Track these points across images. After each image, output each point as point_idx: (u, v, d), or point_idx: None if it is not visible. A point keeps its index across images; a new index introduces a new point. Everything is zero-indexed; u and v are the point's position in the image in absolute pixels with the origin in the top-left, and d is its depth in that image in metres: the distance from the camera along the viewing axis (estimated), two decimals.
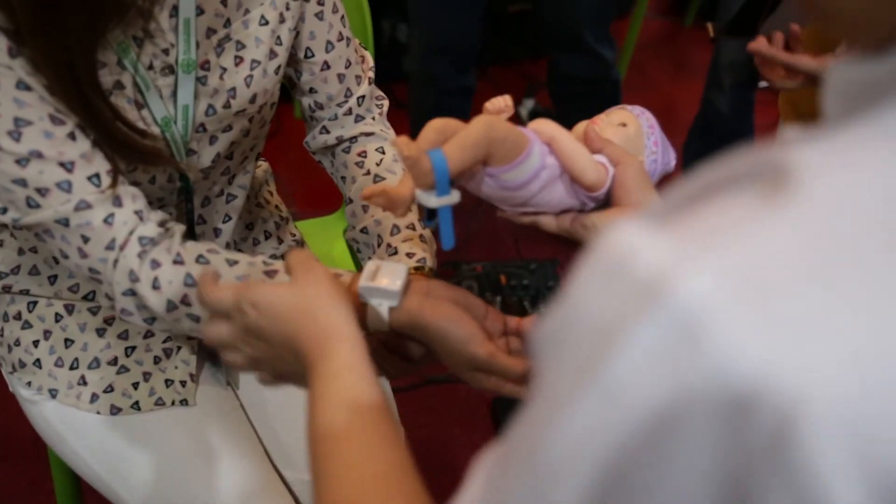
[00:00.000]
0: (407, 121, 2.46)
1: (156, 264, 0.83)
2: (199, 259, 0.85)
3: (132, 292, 0.84)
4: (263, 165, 1.25)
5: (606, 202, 0.85)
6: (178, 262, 0.84)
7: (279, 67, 0.95)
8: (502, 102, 0.83)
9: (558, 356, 0.37)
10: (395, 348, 0.84)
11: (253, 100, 0.94)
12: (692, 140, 2.48)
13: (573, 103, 2.39)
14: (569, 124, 2.72)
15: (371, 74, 1.08)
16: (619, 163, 0.83)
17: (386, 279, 0.80)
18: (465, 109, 2.38)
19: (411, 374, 0.87)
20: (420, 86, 2.36)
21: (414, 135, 0.75)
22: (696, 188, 0.37)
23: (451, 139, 0.76)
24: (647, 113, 0.91)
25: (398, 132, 0.90)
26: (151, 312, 0.85)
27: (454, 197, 0.77)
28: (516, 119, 2.91)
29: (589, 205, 0.85)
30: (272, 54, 0.94)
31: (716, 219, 0.33)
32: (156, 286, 0.83)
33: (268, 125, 1.02)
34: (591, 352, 0.35)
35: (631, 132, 0.89)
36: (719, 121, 2.33)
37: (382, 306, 0.80)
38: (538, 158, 0.80)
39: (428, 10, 2.22)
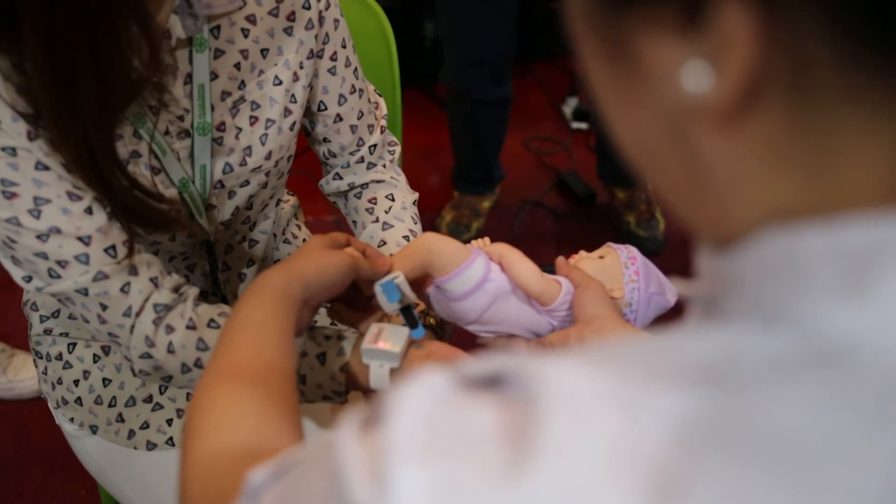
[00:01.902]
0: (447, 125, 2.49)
1: (170, 329, 0.89)
2: (211, 324, 0.90)
3: (148, 356, 0.89)
4: (291, 200, 1.29)
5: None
6: (190, 327, 0.89)
7: (294, 124, 1.00)
8: (481, 242, 0.92)
9: None
10: None
11: (269, 156, 0.98)
12: None
13: None
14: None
15: (384, 122, 1.12)
16: (580, 285, 0.89)
17: (388, 342, 0.84)
18: (503, 119, 2.39)
19: None
20: (455, 99, 2.38)
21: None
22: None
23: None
24: (633, 249, 0.96)
25: (440, 136, 0.99)
26: (167, 373, 0.90)
27: (394, 274, 0.85)
28: (560, 119, 2.92)
29: (557, 327, 0.90)
30: (287, 112, 0.98)
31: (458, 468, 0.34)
32: (170, 350, 0.88)
33: (286, 175, 1.06)
34: None
35: (607, 263, 0.94)
36: None
37: (384, 367, 0.84)
38: (481, 270, 0.86)
39: (458, 24, 2.22)
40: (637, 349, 0.36)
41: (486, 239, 0.93)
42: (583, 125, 2.93)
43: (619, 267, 0.93)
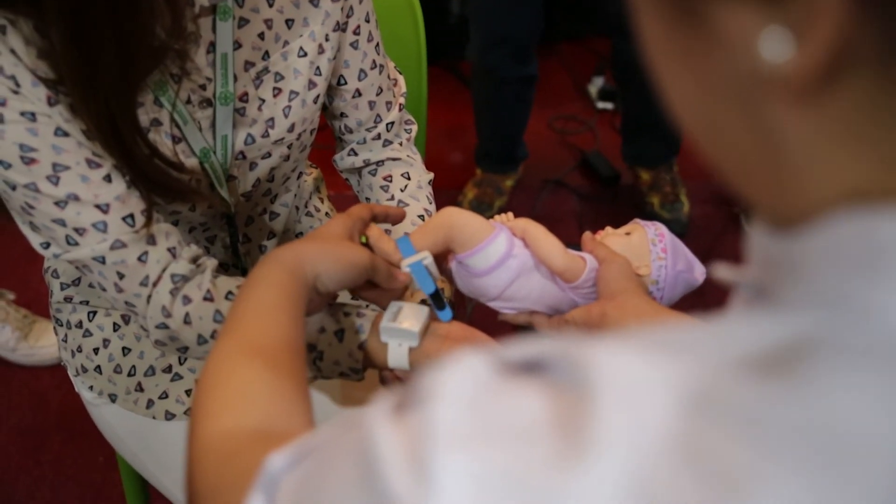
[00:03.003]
0: (471, 103, 2.47)
1: (187, 300, 0.88)
2: (229, 296, 0.89)
3: (165, 326, 0.89)
4: (314, 173, 1.28)
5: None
6: (208, 298, 0.89)
7: (318, 97, 0.99)
8: (504, 217, 0.91)
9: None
10: None
11: (291, 129, 0.97)
12: None
13: (638, 89, 2.36)
14: (633, 108, 2.71)
15: (402, 100, 1.11)
16: (604, 260, 0.87)
17: (407, 321, 0.83)
18: (528, 98, 2.38)
19: None
20: (480, 77, 2.36)
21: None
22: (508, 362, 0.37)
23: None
24: (661, 226, 0.93)
25: (463, 114, 0.98)
26: (183, 344, 0.90)
27: (422, 255, 0.83)
28: (585, 99, 2.90)
29: (581, 304, 0.89)
30: (311, 84, 0.97)
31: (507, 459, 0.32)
32: (187, 321, 0.88)
33: (308, 148, 1.05)
34: None
35: (634, 240, 0.92)
36: None
37: (402, 346, 0.83)
38: (503, 246, 0.85)
39: (485, 2, 2.20)
40: (690, 337, 0.34)
41: (510, 214, 0.91)
42: (608, 105, 2.90)
43: (646, 244, 0.91)
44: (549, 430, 0.32)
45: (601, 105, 2.91)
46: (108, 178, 0.85)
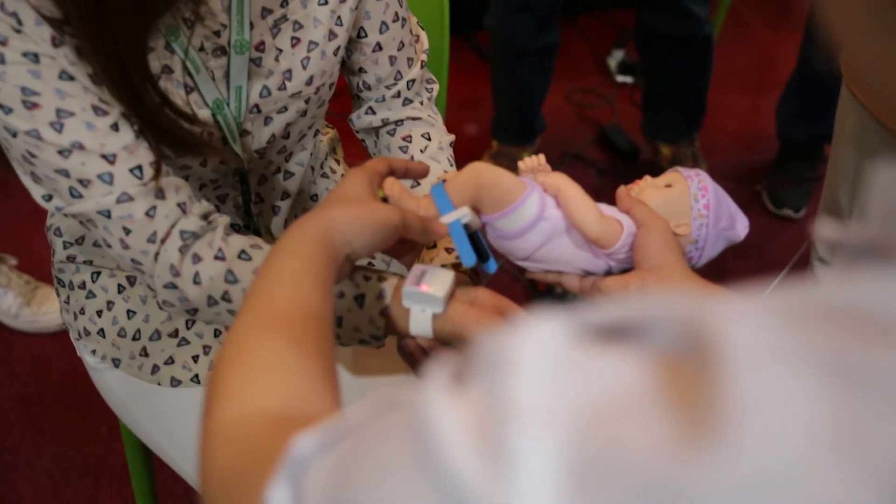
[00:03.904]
0: (489, 75, 2.41)
1: (197, 259, 0.83)
2: (242, 255, 0.84)
3: (173, 286, 0.83)
4: (330, 133, 1.23)
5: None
6: (219, 257, 0.83)
7: (338, 48, 0.93)
8: (535, 162, 0.83)
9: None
10: (435, 355, 0.82)
11: (310, 81, 0.92)
12: (788, 100, 2.35)
13: (660, 60, 2.29)
14: (655, 81, 2.64)
15: (424, 57, 1.05)
16: (643, 224, 0.80)
17: (431, 285, 0.78)
18: (548, 68, 2.31)
19: None
20: (499, 45, 2.30)
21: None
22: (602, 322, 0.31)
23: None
24: (704, 176, 0.86)
25: (481, 86, 0.91)
26: (192, 305, 0.85)
27: (462, 212, 0.78)
28: (605, 72, 2.85)
29: (615, 268, 0.82)
30: (331, 35, 0.91)
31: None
32: (196, 281, 0.83)
33: (326, 104, 1.00)
34: None
35: (675, 193, 0.84)
36: (816, 81, 2.20)
37: (426, 312, 0.78)
38: (535, 207, 0.79)
39: None
40: (817, 300, 0.28)
41: (542, 156, 0.84)
42: (628, 79, 2.83)
43: (687, 199, 0.84)
44: (661, 406, 0.26)
45: (620, 79, 2.84)
46: (115, 127, 0.79)
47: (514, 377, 0.29)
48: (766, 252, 2.25)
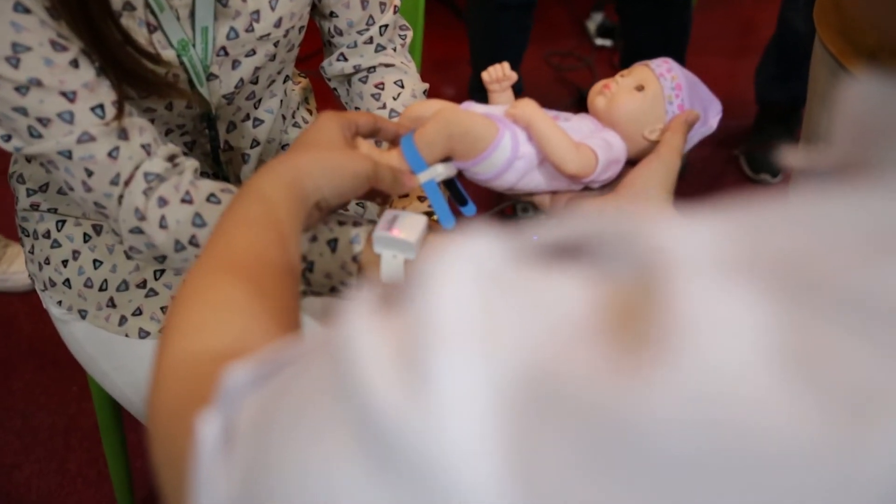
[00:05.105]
0: (465, 35, 2.38)
1: (163, 202, 0.80)
2: (211, 198, 0.81)
3: (139, 230, 0.81)
4: (303, 83, 1.20)
5: (612, 182, 0.81)
6: (186, 200, 0.81)
7: None
8: (500, 72, 0.81)
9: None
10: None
11: (278, 24, 0.89)
12: (767, 63, 2.34)
13: (639, 21, 2.27)
14: (633, 42, 2.61)
15: (397, 2, 1.02)
16: (656, 153, 0.79)
17: (403, 230, 0.76)
18: (526, 25, 2.28)
19: None
20: (478, 2, 2.26)
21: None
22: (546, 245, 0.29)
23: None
24: (676, 69, 0.83)
25: (457, 47, 0.88)
26: (160, 252, 0.83)
27: (436, 171, 0.77)
28: (583, 35, 2.81)
29: (593, 185, 0.80)
30: None
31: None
32: (163, 225, 0.80)
33: (296, 48, 0.97)
34: None
35: (648, 97, 0.81)
36: (796, 42, 2.19)
37: (398, 259, 0.76)
38: (508, 150, 0.77)
39: None
40: (770, 216, 0.26)
41: (506, 65, 0.82)
42: (607, 42, 2.80)
43: (661, 103, 0.81)
44: (597, 324, 0.24)
45: (599, 42, 2.81)
46: (74, 63, 0.76)
47: (437, 293, 0.27)
48: None
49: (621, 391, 0.23)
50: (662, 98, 0.81)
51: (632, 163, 0.81)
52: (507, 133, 0.77)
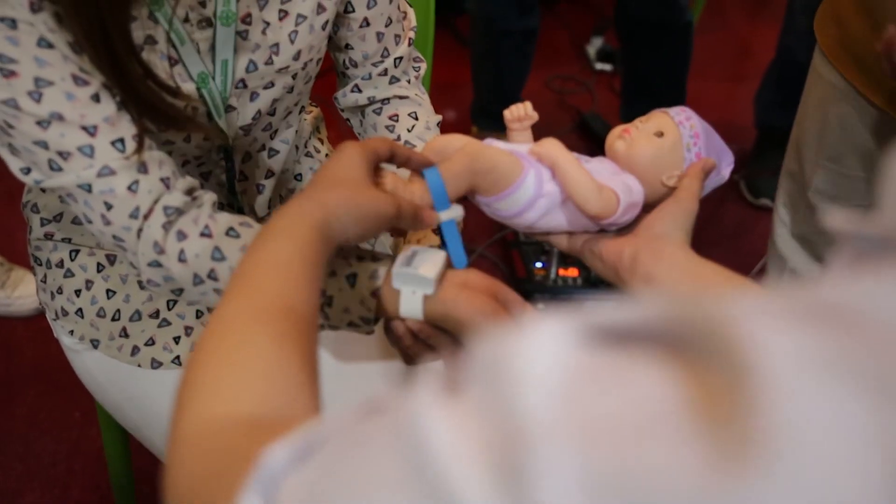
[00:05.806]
0: (468, 59, 2.39)
1: (182, 236, 0.80)
2: (230, 232, 0.81)
3: (158, 264, 0.81)
4: (314, 112, 1.21)
5: (629, 225, 0.82)
6: (205, 234, 0.81)
7: (326, 22, 0.91)
8: (522, 111, 0.81)
9: None
10: (424, 337, 0.80)
11: (297, 56, 0.90)
12: (767, 88, 2.36)
13: (640, 46, 2.29)
14: (634, 67, 2.63)
15: (412, 35, 1.03)
16: (677, 198, 0.79)
17: (422, 266, 0.76)
18: (528, 52, 2.30)
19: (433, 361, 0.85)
20: (479, 27, 2.29)
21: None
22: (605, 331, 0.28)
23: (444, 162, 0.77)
24: (695, 118, 0.83)
25: (459, 71, 0.89)
26: (177, 284, 0.83)
27: (456, 211, 0.78)
28: (584, 59, 2.83)
29: (610, 228, 0.81)
30: (320, 8, 0.89)
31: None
32: (182, 259, 0.80)
33: (313, 80, 0.98)
34: None
35: (667, 144, 0.82)
36: (795, 69, 2.20)
37: (416, 294, 0.76)
38: (532, 188, 0.77)
39: None
40: (850, 306, 0.25)
41: (528, 104, 0.82)
42: (607, 66, 2.83)
43: (680, 150, 0.82)
44: (688, 419, 0.24)
45: (599, 66, 2.84)
46: (96, 98, 0.77)
47: (523, 387, 0.26)
48: (743, 242, 2.26)
49: (715, 494, 0.22)
50: (681, 145, 0.82)
51: (647, 208, 0.82)
52: (531, 171, 0.78)
